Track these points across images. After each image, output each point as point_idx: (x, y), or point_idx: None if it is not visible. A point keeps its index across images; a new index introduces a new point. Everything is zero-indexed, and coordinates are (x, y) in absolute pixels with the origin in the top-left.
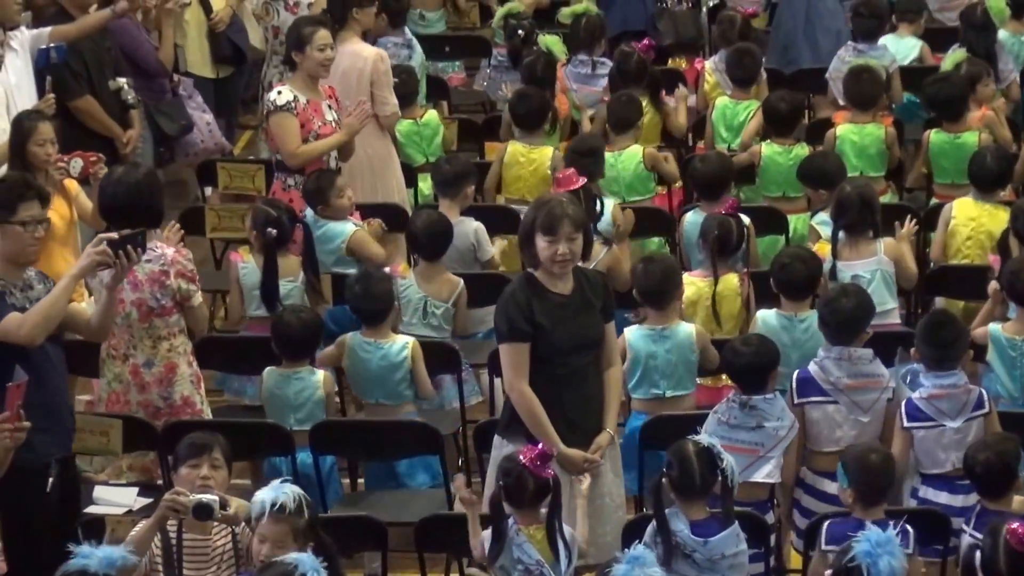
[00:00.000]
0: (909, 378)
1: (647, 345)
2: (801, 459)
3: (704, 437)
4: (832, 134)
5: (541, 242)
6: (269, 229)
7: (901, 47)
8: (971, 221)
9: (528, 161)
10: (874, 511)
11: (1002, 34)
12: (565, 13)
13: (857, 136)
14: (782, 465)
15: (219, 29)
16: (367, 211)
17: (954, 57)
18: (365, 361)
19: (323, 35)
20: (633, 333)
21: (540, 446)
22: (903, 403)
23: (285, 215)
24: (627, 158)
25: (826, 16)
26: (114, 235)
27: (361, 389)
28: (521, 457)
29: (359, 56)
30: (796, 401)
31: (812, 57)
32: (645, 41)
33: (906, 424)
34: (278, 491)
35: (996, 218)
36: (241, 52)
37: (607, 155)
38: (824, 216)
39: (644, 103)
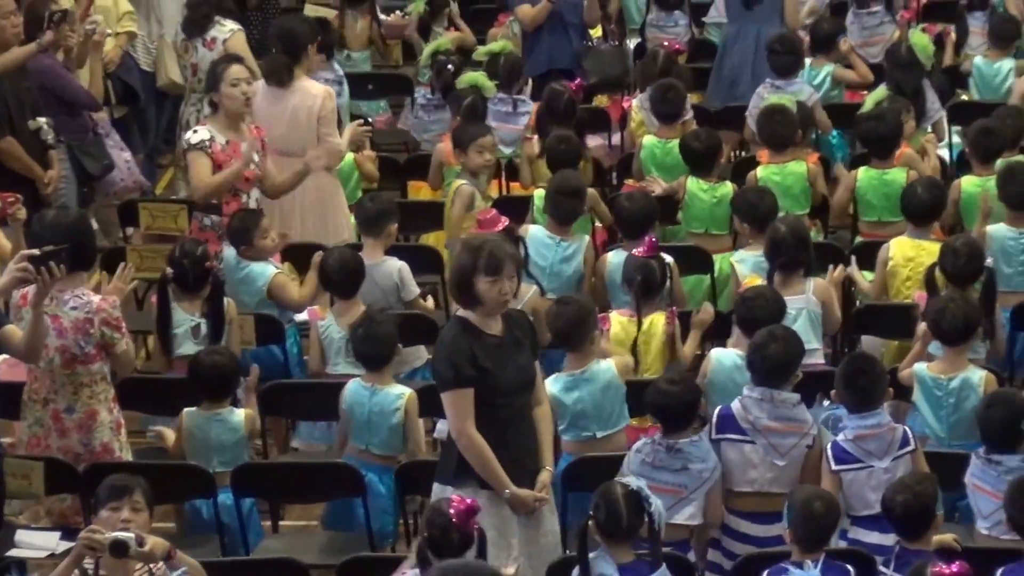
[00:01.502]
0: (830, 421)
1: (568, 392)
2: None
3: (631, 480)
4: (753, 176)
5: (483, 284)
6: (168, 269)
7: (816, 77)
8: (909, 261)
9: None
10: (812, 555)
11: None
12: (481, 51)
13: (779, 176)
14: (704, 507)
15: (109, 70)
16: (293, 252)
17: (876, 95)
18: (359, 405)
19: (235, 71)
20: (553, 383)
21: (469, 500)
22: (828, 446)
23: (193, 256)
24: None
25: None
26: (35, 251)
27: (352, 434)
28: (449, 509)
29: (308, 93)
30: (713, 436)
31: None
32: (577, 81)
33: (834, 467)
34: None
35: (934, 255)
36: (134, 91)
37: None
38: (743, 254)
39: None
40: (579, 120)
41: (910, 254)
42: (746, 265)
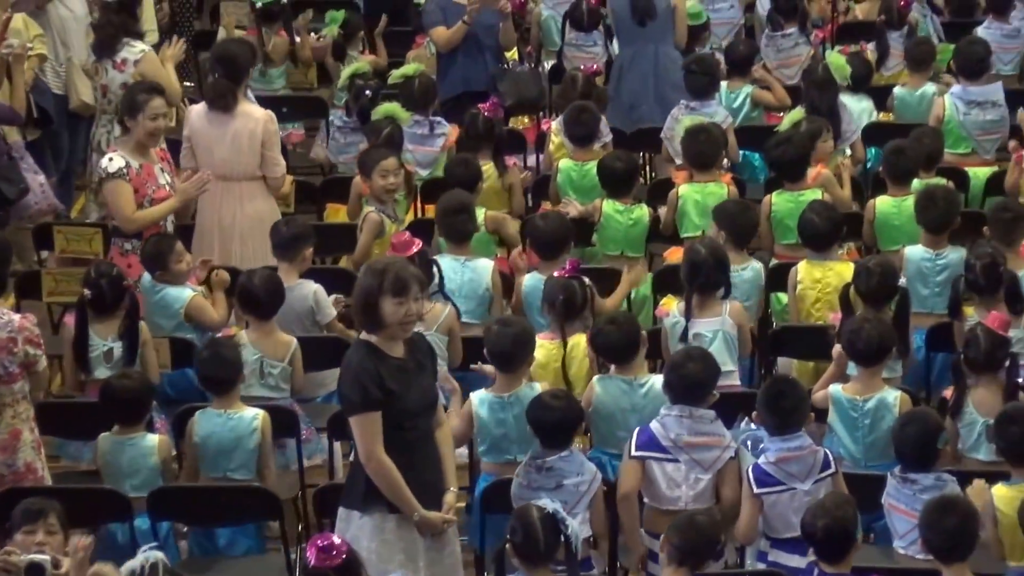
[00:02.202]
0: (750, 443)
1: (495, 413)
2: (638, 514)
3: (547, 502)
4: (675, 194)
5: (389, 305)
6: (85, 290)
7: (735, 100)
8: (816, 283)
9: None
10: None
11: (899, 90)
12: (396, 75)
13: (699, 195)
14: (588, 519)
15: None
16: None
17: (793, 115)
18: (214, 434)
19: (157, 104)
20: (480, 401)
21: (325, 536)
22: (750, 469)
23: (110, 276)
24: None
25: (673, 71)
26: None
27: (207, 463)
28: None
29: (250, 117)
30: (634, 453)
31: (662, 113)
32: (491, 101)
33: (756, 490)
34: (148, 555)
35: (842, 276)
36: (47, 114)
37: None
38: None
39: (488, 166)
40: (499, 142)
41: (817, 276)
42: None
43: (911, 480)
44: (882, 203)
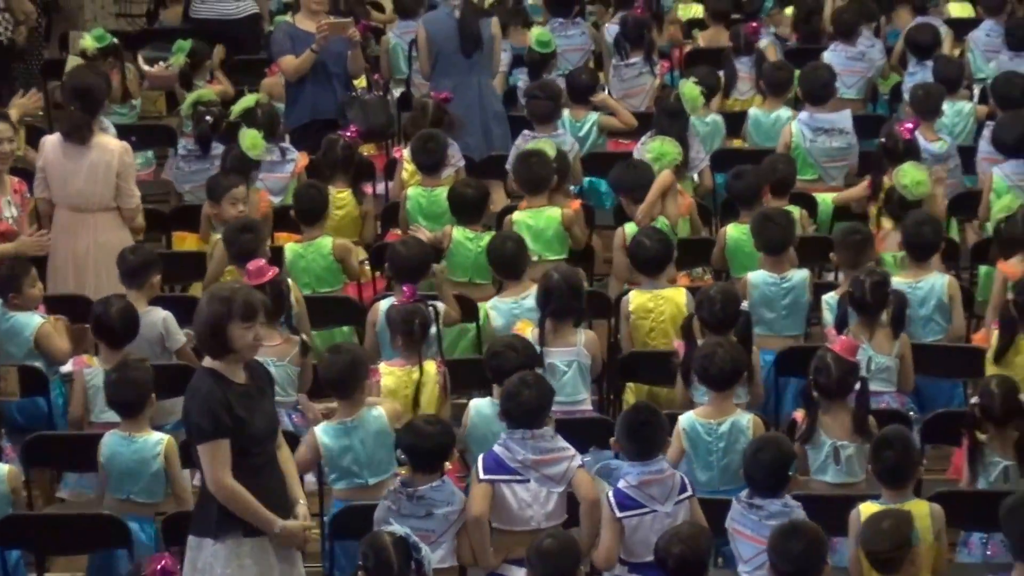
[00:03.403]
0: (603, 470)
1: (339, 440)
2: (489, 535)
3: (398, 527)
4: (508, 220)
5: (238, 330)
6: None
7: (581, 128)
8: (648, 313)
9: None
10: None
11: (754, 110)
12: (237, 108)
13: (533, 220)
14: (455, 548)
15: None
16: (58, 303)
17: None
18: (119, 455)
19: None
20: (324, 431)
21: (164, 561)
22: (610, 493)
23: None
24: (316, 249)
25: (495, 102)
26: None
27: (111, 485)
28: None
29: (106, 149)
30: (483, 477)
31: (487, 144)
32: (352, 129)
33: (619, 514)
34: None
35: (673, 302)
36: None
37: (296, 247)
38: (495, 302)
39: (344, 194)
40: (358, 170)
41: (649, 306)
42: (499, 312)
43: (757, 506)
44: (733, 229)
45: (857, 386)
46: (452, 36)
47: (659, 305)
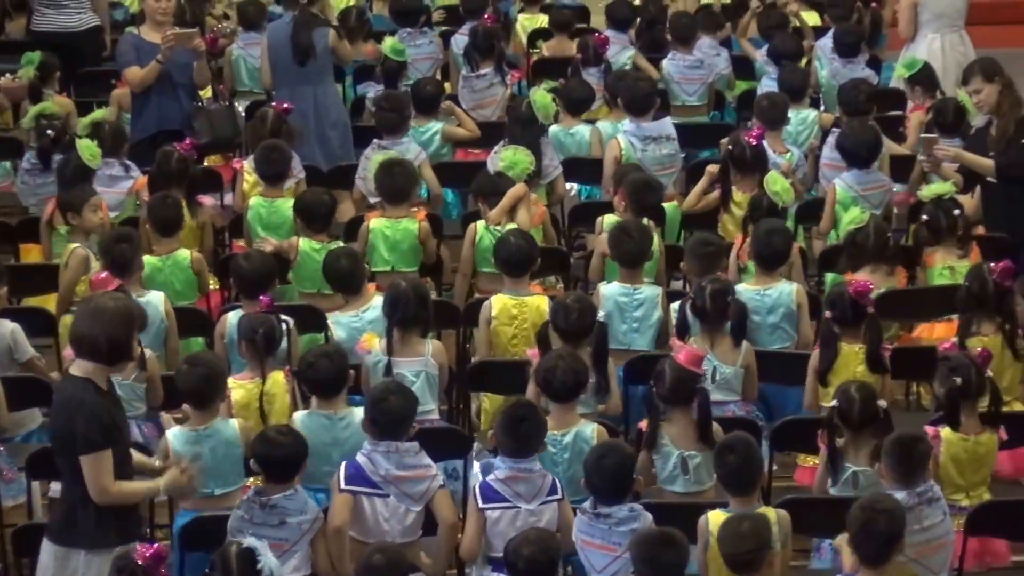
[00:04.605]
0: (485, 468)
1: (190, 447)
2: (347, 546)
3: (250, 539)
4: (365, 228)
5: (135, 339)
6: None
7: (423, 135)
8: (512, 319)
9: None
10: None
11: (553, 128)
12: (84, 123)
13: (391, 230)
14: (309, 557)
15: None
16: None
17: (506, 155)
18: None
19: None
20: (175, 436)
21: (155, 546)
22: (477, 485)
23: None
24: (175, 263)
25: (332, 111)
26: None
27: None
28: (136, 557)
29: None
30: (344, 487)
31: (323, 153)
32: (188, 142)
33: (481, 505)
34: None
35: (538, 310)
36: None
37: (154, 260)
38: (338, 316)
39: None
40: (192, 182)
41: (513, 312)
42: (340, 326)
43: (604, 515)
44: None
45: (698, 395)
46: (287, 45)
47: (523, 312)
